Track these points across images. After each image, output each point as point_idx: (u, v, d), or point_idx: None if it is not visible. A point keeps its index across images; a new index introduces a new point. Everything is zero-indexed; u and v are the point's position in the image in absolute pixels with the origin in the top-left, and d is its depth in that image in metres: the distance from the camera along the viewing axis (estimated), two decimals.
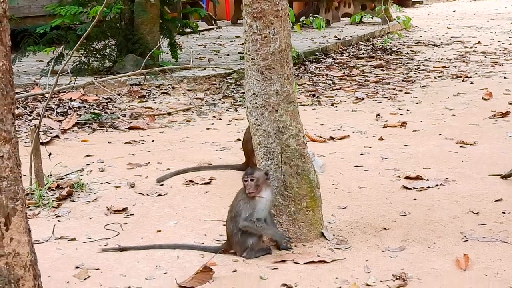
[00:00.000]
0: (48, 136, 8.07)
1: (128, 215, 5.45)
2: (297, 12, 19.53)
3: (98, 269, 4.44)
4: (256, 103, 4.70)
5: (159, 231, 5.10)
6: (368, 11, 20.21)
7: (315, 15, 10.21)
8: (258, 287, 4.12)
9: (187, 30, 15.02)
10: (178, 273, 4.31)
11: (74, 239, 4.97)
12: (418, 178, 6.06)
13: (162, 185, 6.14)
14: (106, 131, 8.47)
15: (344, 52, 15.15)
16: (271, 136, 4.68)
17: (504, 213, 5.19)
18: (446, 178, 6.03)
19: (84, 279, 4.31)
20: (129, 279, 4.29)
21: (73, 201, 5.79)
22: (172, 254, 4.63)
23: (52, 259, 4.62)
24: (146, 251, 4.69)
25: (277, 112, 4.66)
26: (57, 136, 8.17)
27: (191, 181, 6.19)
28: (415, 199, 5.57)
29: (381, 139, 7.52)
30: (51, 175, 6.25)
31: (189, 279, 4.18)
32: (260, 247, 4.58)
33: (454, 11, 27.38)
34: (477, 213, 5.19)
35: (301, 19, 10.15)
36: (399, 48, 15.74)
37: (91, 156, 7.20)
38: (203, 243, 4.81)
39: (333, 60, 13.99)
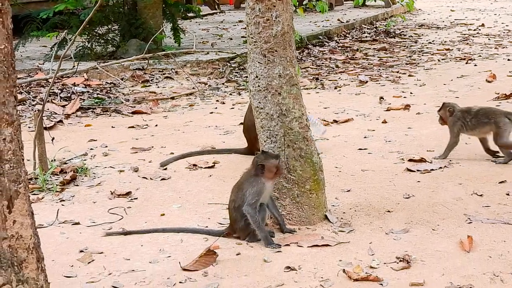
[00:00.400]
0: (51, 121, 8.08)
1: (131, 199, 5.46)
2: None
3: (102, 252, 4.45)
4: (259, 86, 4.69)
5: (163, 214, 5.10)
6: None
7: None
8: (262, 269, 4.12)
9: (190, 14, 15.00)
10: (182, 256, 4.31)
11: (78, 223, 4.98)
12: (421, 160, 6.05)
13: (165, 169, 6.14)
14: (110, 116, 8.48)
15: (347, 35, 15.12)
16: (274, 119, 4.67)
17: (508, 194, 5.18)
18: (450, 161, 6.03)
19: (88, 262, 4.32)
20: (133, 262, 4.29)
21: (77, 185, 5.80)
22: (175, 237, 4.64)
23: (56, 243, 4.63)
24: (150, 234, 4.70)
25: (280, 95, 4.65)
26: (60, 121, 8.17)
27: (194, 165, 6.20)
28: (418, 181, 5.57)
29: (384, 122, 7.52)
30: (54, 160, 6.26)
31: (193, 262, 4.19)
32: None
33: None
34: (481, 195, 5.18)
35: (304, 2, 10.11)
36: (403, 31, 15.71)
37: (94, 140, 7.21)
38: (206, 227, 4.82)
39: (337, 43, 13.96)
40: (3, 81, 2.38)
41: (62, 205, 5.37)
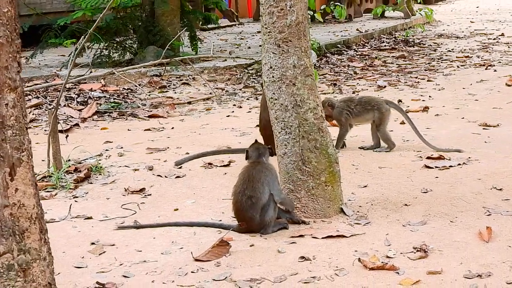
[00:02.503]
0: (68, 124, 8.05)
1: (145, 195, 5.40)
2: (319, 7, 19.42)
3: (113, 245, 4.40)
4: (273, 77, 4.63)
5: (176, 209, 5.04)
6: (390, 5, 20.05)
7: (336, 3, 10.12)
8: (275, 260, 4.05)
9: (209, 26, 14.99)
10: (194, 248, 4.24)
11: (90, 218, 4.92)
12: (440, 158, 5.95)
13: (180, 167, 6.08)
14: (126, 120, 8.44)
15: (366, 44, 15.03)
16: (288, 110, 4.60)
17: None
18: (469, 158, 5.92)
19: (99, 254, 4.26)
20: (145, 254, 4.23)
21: (91, 183, 5.75)
22: (188, 230, 4.57)
23: (68, 236, 4.58)
24: (163, 228, 4.64)
25: (294, 85, 4.59)
26: (77, 125, 8.15)
27: (210, 163, 6.14)
28: (437, 177, 5.47)
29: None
30: (69, 160, 6.20)
31: (205, 253, 4.12)
32: (276, 222, 4.51)
33: (477, 7, 27.15)
34: (500, 189, 5.07)
35: (322, 6, 10.05)
36: (422, 41, 15.60)
37: (110, 142, 7.16)
38: (220, 221, 4.75)
39: (355, 52, 13.88)
40: (6, 45, 2.32)
41: (75, 201, 5.32)
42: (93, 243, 4.43)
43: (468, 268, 3.78)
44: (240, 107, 8.97)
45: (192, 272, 3.93)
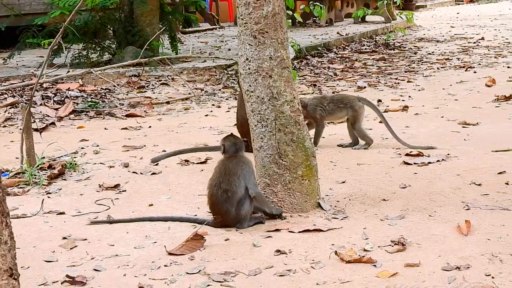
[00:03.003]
0: (44, 123, 7.94)
1: (120, 191, 5.31)
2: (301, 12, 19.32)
3: (85, 239, 4.30)
4: (249, 68, 4.54)
5: (151, 205, 4.95)
6: (371, 9, 20.01)
7: (315, 3, 10.05)
8: (251, 254, 3.96)
9: (190, 29, 14.85)
10: (168, 242, 4.15)
11: (63, 213, 4.82)
12: (419, 154, 5.89)
13: (157, 165, 5.99)
14: (103, 119, 8.34)
15: (346, 47, 14.98)
16: (264, 102, 4.52)
17: (507, 184, 5.01)
18: (448, 154, 5.86)
19: (71, 248, 4.17)
20: (117, 248, 4.14)
21: (65, 179, 5.65)
22: (163, 225, 4.48)
23: (39, 231, 4.48)
24: (137, 222, 4.55)
25: (270, 77, 4.50)
26: (53, 123, 8.04)
27: (186, 160, 6.05)
28: (415, 173, 5.41)
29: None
30: (44, 157, 6.09)
31: (179, 247, 4.03)
32: (252, 216, 4.43)
33: (458, 13, 27.21)
34: (479, 185, 5.01)
35: (301, 6, 9.97)
36: (402, 44, 15.58)
37: (86, 140, 7.07)
38: (195, 215, 4.66)
39: (336, 54, 13.83)
40: None
41: (48, 197, 5.22)
42: (64, 238, 4.33)
43: (446, 260, 3.71)
44: (219, 107, 8.88)
45: (165, 265, 3.85)
